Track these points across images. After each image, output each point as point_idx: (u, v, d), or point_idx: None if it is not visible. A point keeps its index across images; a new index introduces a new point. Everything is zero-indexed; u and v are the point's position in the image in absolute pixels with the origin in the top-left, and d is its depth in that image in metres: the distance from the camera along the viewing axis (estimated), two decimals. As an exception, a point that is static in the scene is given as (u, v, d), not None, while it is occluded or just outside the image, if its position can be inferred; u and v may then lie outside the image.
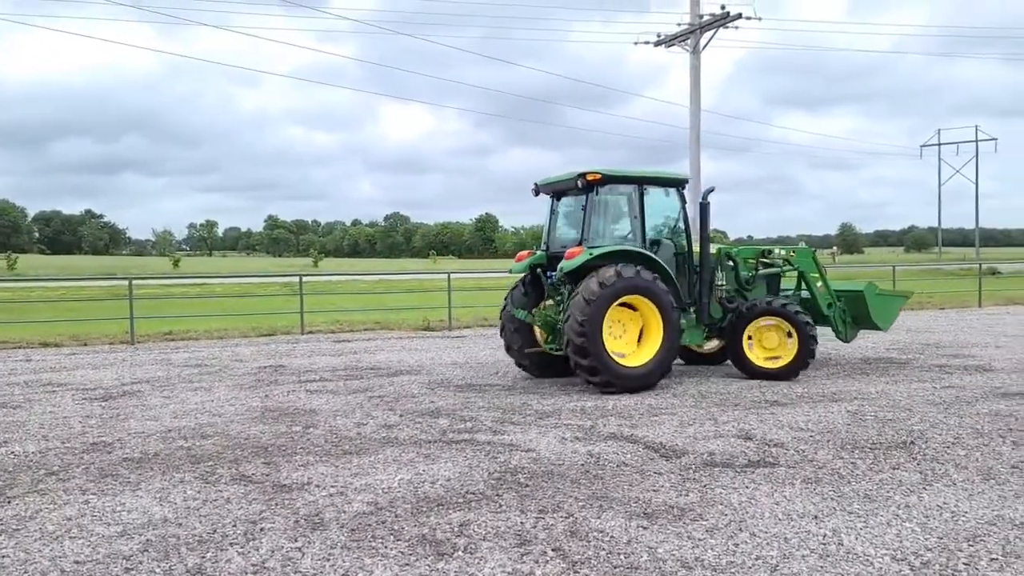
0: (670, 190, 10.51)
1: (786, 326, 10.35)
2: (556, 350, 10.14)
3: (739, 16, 23.55)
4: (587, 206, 9.93)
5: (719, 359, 11.77)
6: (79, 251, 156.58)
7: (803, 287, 11.59)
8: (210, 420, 8.25)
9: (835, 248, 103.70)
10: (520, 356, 10.72)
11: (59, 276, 42.89)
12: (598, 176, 9.81)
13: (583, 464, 6.32)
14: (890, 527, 4.83)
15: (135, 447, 7.08)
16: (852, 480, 5.82)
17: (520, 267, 10.77)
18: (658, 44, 25.60)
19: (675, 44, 25.19)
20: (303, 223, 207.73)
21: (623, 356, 9.55)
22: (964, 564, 4.26)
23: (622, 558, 4.38)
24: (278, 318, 19.10)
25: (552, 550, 4.51)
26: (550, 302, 10.53)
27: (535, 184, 10.96)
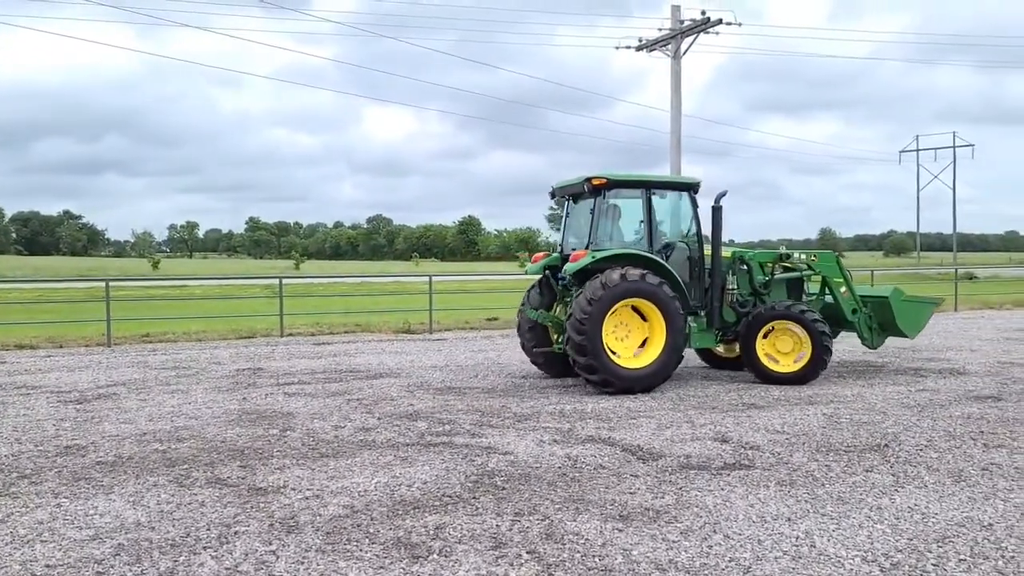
0: (682, 194, 10.64)
1: (800, 330, 10.24)
2: (562, 349, 10.32)
3: (719, 22, 23.79)
4: (595, 210, 10.14)
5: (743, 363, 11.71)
6: (57, 252, 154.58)
7: (827, 292, 11.36)
8: (186, 423, 8.19)
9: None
10: (534, 355, 11.02)
11: (36, 277, 42.33)
12: (603, 180, 10.02)
13: (560, 467, 6.34)
14: (862, 529, 4.88)
15: (109, 450, 7.02)
16: (826, 482, 5.88)
17: (535, 268, 11.10)
18: (639, 49, 25.76)
19: (656, 49, 25.35)
20: (285, 225, 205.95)
21: (626, 357, 9.71)
22: (933, 565, 4.31)
23: (597, 560, 4.40)
24: (258, 321, 18.98)
25: (527, 552, 4.52)
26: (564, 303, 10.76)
27: (552, 188, 11.24)
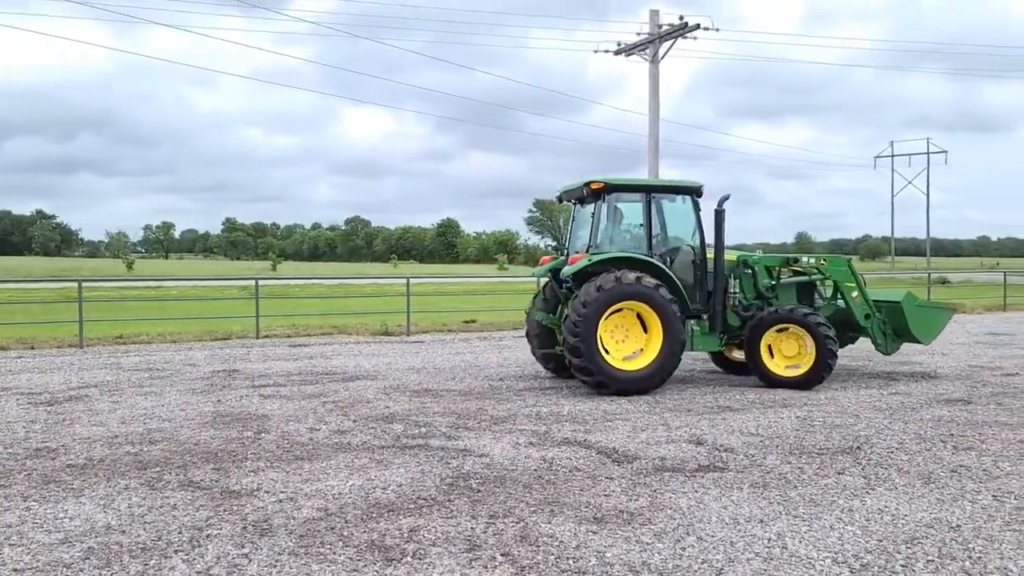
0: (684, 198, 10.69)
1: (804, 334, 10.18)
2: (561, 351, 10.38)
3: (697, 27, 23.95)
4: (596, 213, 10.26)
5: None
6: (30, 252, 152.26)
7: (838, 297, 11.24)
8: (159, 425, 8.11)
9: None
10: (541, 358, 11.15)
11: (7, 278, 41.65)
12: (601, 185, 10.14)
13: (536, 469, 6.35)
14: (833, 530, 4.94)
15: (80, 453, 6.94)
16: (798, 484, 5.94)
17: (541, 272, 11.33)
18: (618, 53, 25.91)
19: (635, 53, 25.51)
20: (262, 226, 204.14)
21: (622, 359, 9.80)
22: (902, 566, 4.37)
23: (570, 563, 4.42)
24: (233, 322, 18.81)
25: (501, 555, 4.53)
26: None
27: (559, 192, 11.40)
